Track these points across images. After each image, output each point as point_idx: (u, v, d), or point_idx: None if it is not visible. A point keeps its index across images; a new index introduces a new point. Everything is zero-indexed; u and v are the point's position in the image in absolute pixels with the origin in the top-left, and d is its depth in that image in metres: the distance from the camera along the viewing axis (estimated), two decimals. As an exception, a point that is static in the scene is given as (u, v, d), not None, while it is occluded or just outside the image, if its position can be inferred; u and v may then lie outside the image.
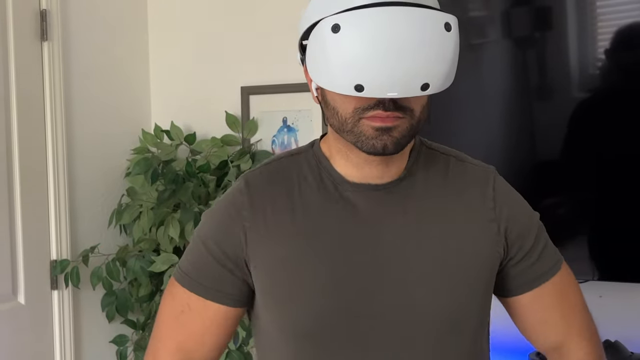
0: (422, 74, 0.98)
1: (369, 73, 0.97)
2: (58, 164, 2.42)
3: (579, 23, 2.00)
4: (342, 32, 0.97)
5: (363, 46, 0.96)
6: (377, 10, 0.96)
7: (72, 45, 2.50)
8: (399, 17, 0.96)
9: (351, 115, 1.04)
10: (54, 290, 2.43)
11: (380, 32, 0.95)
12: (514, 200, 1.19)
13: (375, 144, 1.03)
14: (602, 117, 1.98)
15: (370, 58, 0.96)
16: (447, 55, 1.00)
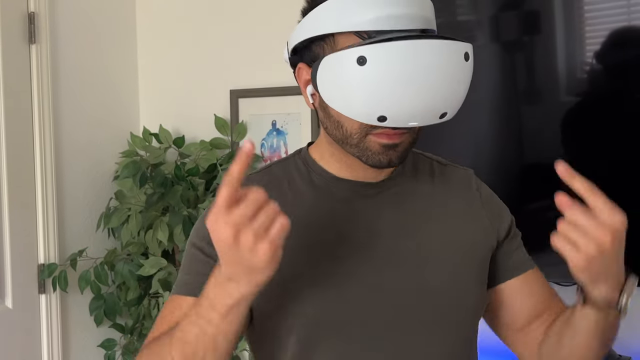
0: (442, 103, 1.02)
1: (392, 105, 0.98)
2: (46, 167, 2.41)
3: (567, 27, 2.01)
4: (369, 65, 0.97)
5: (389, 79, 0.97)
6: (404, 43, 0.97)
7: (60, 48, 2.49)
8: (425, 51, 0.98)
9: (358, 131, 1.06)
10: (41, 294, 2.42)
11: (407, 65, 0.97)
12: (494, 198, 1.25)
13: (382, 159, 1.06)
14: (590, 120, 1.99)
15: (395, 91, 0.98)
16: (465, 84, 1.04)
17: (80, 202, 2.58)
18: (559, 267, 1.61)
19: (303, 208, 1.14)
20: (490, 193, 1.25)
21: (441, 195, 1.19)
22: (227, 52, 2.64)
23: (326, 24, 1.03)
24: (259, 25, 2.55)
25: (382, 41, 0.97)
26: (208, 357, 0.99)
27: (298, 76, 1.12)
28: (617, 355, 1.90)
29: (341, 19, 1.02)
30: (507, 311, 1.23)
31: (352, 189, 1.15)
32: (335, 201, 1.15)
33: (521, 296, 1.22)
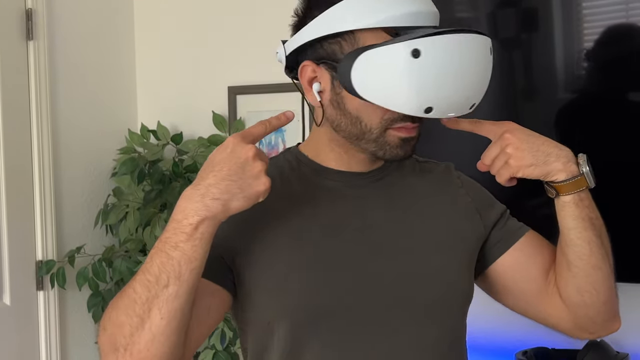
0: (474, 94, 1.08)
1: (439, 96, 1.03)
2: (44, 164, 2.41)
3: (564, 24, 2.01)
4: (422, 58, 1.00)
5: (440, 71, 1.02)
6: (455, 37, 1.03)
7: (58, 45, 2.49)
8: (467, 44, 1.05)
9: (378, 126, 1.09)
10: (39, 290, 2.42)
11: (455, 58, 1.03)
12: (478, 186, 1.28)
13: (399, 152, 1.11)
14: (588, 117, 1.99)
15: (443, 82, 1.03)
16: (489, 76, 1.10)
17: (78, 199, 2.58)
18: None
19: (293, 197, 1.15)
20: (472, 182, 1.28)
21: (426, 187, 1.22)
22: (225, 49, 2.64)
23: (347, 21, 1.06)
24: (257, 22, 2.55)
25: (434, 34, 1.02)
26: (171, 284, 0.97)
27: (301, 74, 1.13)
28: (614, 352, 1.90)
29: (364, 17, 1.05)
30: (520, 280, 1.22)
31: (343, 178, 1.17)
32: (325, 191, 1.16)
33: (527, 258, 1.22)
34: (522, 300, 1.24)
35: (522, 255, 1.21)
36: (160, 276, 0.98)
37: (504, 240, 1.22)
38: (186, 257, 0.98)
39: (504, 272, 1.22)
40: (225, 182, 0.98)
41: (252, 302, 1.13)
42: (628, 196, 1.92)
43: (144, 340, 0.97)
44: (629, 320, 2.02)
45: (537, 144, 1.10)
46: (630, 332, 1.99)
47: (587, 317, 1.18)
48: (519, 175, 1.09)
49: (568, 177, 1.09)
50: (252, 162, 0.99)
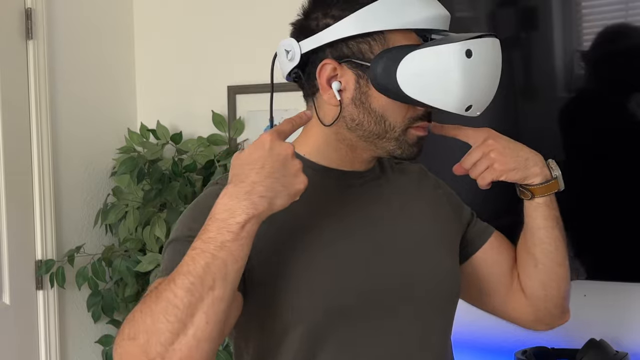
0: (493, 94, 1.15)
1: (480, 95, 1.12)
2: (43, 163, 2.41)
3: (564, 23, 2.01)
4: (474, 58, 1.08)
5: (486, 71, 1.12)
6: (490, 39, 1.12)
7: (57, 44, 2.49)
8: (497, 46, 1.14)
9: (401, 125, 1.13)
10: (39, 290, 2.42)
11: (494, 59, 1.13)
12: (447, 186, 1.34)
13: (414, 150, 1.16)
14: (587, 116, 1.99)
15: (485, 82, 1.12)
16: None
17: (77, 198, 2.58)
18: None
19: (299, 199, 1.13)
20: (444, 183, 1.34)
21: (410, 187, 1.27)
22: (225, 48, 2.64)
23: (378, 22, 1.10)
24: (257, 21, 2.55)
25: (481, 37, 1.10)
26: (217, 287, 0.93)
27: (320, 73, 1.13)
28: (614, 351, 1.90)
29: (395, 18, 1.10)
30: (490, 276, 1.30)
31: (339, 177, 1.19)
32: (321, 189, 1.16)
33: (497, 256, 1.30)
34: (491, 297, 1.31)
35: (493, 253, 1.30)
36: (205, 278, 0.93)
37: (477, 239, 1.30)
38: (232, 257, 0.95)
39: (477, 269, 1.30)
40: (270, 179, 0.98)
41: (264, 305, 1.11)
42: (627, 196, 1.92)
43: (187, 347, 0.91)
44: (628, 319, 2.03)
45: (517, 149, 1.20)
46: (629, 331, 2.00)
47: (547, 310, 1.28)
48: (502, 178, 1.18)
49: (543, 180, 1.19)
50: (291, 160, 1.00)
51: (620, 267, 1.96)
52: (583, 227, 2.02)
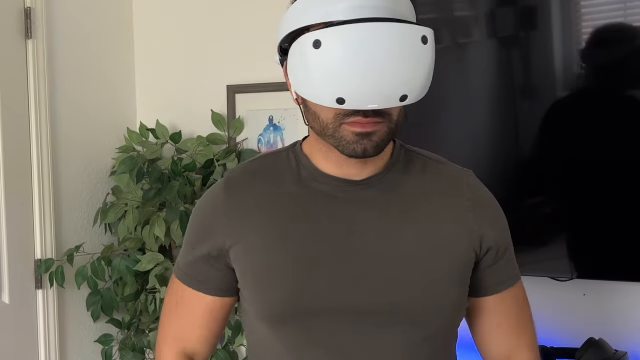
0: (400, 86, 1.02)
1: (349, 87, 1.01)
2: (43, 163, 2.41)
3: (563, 23, 2.01)
4: (323, 48, 1.01)
5: (343, 62, 1.01)
6: (356, 26, 1.00)
7: (56, 44, 2.49)
8: (378, 33, 1.01)
9: (332, 120, 1.08)
10: (38, 289, 2.42)
11: (360, 48, 1.00)
12: (490, 204, 1.23)
13: (356, 148, 1.08)
14: (586, 116, 1.99)
15: (350, 73, 1.01)
16: (424, 67, 1.05)
17: (77, 198, 2.58)
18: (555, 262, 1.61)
19: (285, 200, 1.18)
20: (485, 199, 1.23)
21: (427, 196, 1.18)
22: (224, 48, 2.64)
23: (299, 19, 1.07)
24: (256, 20, 2.55)
25: (334, 24, 1.02)
26: None
27: (285, 74, 1.14)
28: (613, 350, 1.90)
29: (313, 13, 1.06)
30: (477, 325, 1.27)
31: (336, 184, 1.17)
32: (317, 196, 1.17)
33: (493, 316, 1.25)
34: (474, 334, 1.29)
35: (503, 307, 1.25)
36: None
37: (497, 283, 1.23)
38: None
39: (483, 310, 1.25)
40: None
41: (243, 295, 1.22)
42: (627, 195, 1.92)
43: None
44: (627, 318, 2.04)
45: None
46: (628, 330, 2.00)
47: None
48: None
49: None
50: None
51: (620, 267, 1.96)
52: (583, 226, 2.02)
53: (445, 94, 2.10)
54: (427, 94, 1.10)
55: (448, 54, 2.12)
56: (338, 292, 1.12)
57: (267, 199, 1.18)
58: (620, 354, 1.90)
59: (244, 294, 1.21)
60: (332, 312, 1.13)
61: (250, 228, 1.17)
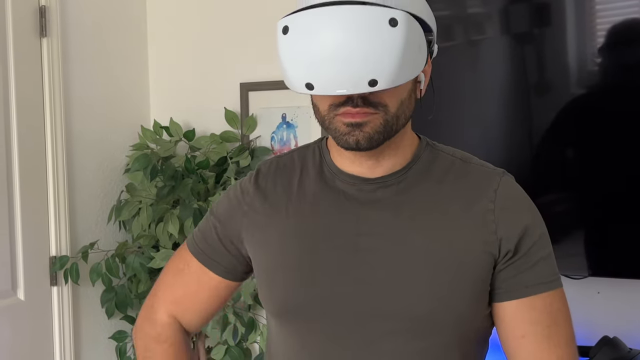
0: (368, 70, 0.98)
1: (316, 72, 1.00)
2: (57, 160, 2.43)
3: (577, 19, 2.00)
4: (290, 34, 1.01)
5: (309, 47, 1.00)
6: (320, 10, 0.99)
7: (71, 42, 2.50)
8: (341, 16, 0.98)
9: (327, 112, 1.07)
10: (53, 286, 2.43)
11: (324, 32, 0.98)
12: (515, 204, 1.14)
13: (348, 140, 1.06)
14: (601, 113, 1.98)
15: (316, 58, 0.99)
16: (395, 51, 0.99)
17: (91, 195, 2.59)
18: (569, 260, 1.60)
19: (305, 197, 1.18)
20: (512, 199, 1.14)
21: (446, 199, 1.13)
22: (238, 46, 2.65)
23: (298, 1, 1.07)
24: (270, 18, 2.54)
25: (300, 10, 1.01)
26: None
27: None
28: (627, 348, 1.90)
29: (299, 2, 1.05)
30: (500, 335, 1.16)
31: (351, 182, 1.15)
32: (334, 193, 1.16)
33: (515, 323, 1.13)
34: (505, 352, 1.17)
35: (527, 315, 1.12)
36: None
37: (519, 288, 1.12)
38: None
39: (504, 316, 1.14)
40: None
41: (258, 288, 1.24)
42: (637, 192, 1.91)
43: None
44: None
45: None
46: (643, 328, 1.98)
47: None
48: None
49: None
50: None
51: (634, 265, 1.95)
52: (597, 223, 2.01)
53: (458, 91, 2.09)
54: (441, 92, 1.08)
55: (461, 51, 2.11)
56: (339, 293, 1.11)
57: (288, 195, 1.19)
58: (635, 352, 1.89)
59: (257, 287, 1.23)
60: (332, 313, 1.12)
61: (268, 222, 1.19)
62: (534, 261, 1.12)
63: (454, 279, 1.09)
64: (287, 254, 1.16)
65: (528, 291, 1.11)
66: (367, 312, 1.10)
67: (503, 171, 1.17)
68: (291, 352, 1.18)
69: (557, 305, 1.14)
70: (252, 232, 1.20)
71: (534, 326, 1.12)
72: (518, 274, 1.11)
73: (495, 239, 1.10)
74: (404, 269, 1.09)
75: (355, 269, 1.11)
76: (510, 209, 1.12)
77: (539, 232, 1.13)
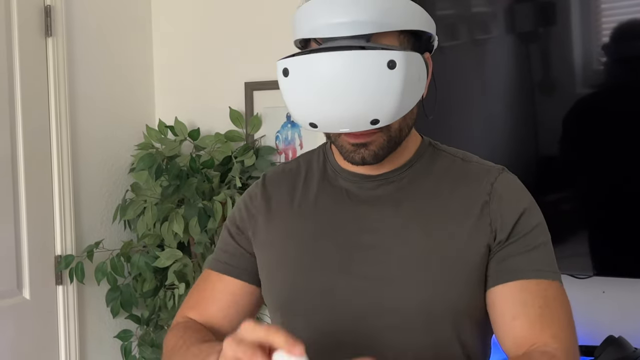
0: (369, 111, 1.02)
1: (318, 113, 1.04)
2: (62, 160, 2.43)
3: (582, 18, 1.99)
4: (291, 77, 1.04)
5: (310, 90, 1.02)
6: (320, 55, 1.01)
7: (76, 41, 2.51)
8: (341, 62, 1.00)
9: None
10: (58, 285, 2.44)
11: (324, 76, 1.01)
12: (512, 194, 1.14)
13: (354, 157, 1.10)
14: (606, 112, 1.98)
15: (317, 100, 1.02)
16: (394, 91, 1.01)
17: (96, 194, 2.60)
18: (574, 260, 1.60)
19: (309, 197, 1.21)
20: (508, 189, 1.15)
21: (446, 196, 1.14)
22: (242, 45, 2.65)
23: (295, 30, 1.09)
24: (274, 17, 2.55)
25: (300, 54, 1.03)
26: None
27: None
28: (632, 348, 1.89)
29: (302, 27, 1.07)
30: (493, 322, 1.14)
31: (353, 180, 1.19)
32: (336, 191, 1.19)
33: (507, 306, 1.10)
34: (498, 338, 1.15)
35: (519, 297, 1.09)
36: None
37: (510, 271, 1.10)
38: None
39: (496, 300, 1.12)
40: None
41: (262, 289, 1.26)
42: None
43: None
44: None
45: None
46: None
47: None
48: None
49: None
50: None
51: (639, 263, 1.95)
52: (602, 223, 2.01)
53: (463, 91, 2.09)
54: (445, 91, 1.09)
55: (466, 50, 2.11)
56: (339, 288, 1.12)
57: (292, 196, 1.22)
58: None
59: (262, 285, 1.25)
60: (332, 308, 1.13)
61: (272, 223, 1.22)
62: (528, 247, 1.11)
63: (453, 274, 1.10)
64: (289, 250, 1.19)
65: (520, 274, 1.10)
66: (367, 307, 1.12)
67: (503, 167, 1.19)
68: None
69: (553, 293, 1.11)
70: (258, 233, 1.24)
71: (526, 307, 1.09)
72: (509, 257, 1.11)
73: (491, 230, 1.11)
74: (403, 265, 1.11)
75: (356, 264, 1.13)
76: (506, 199, 1.13)
77: (536, 221, 1.14)
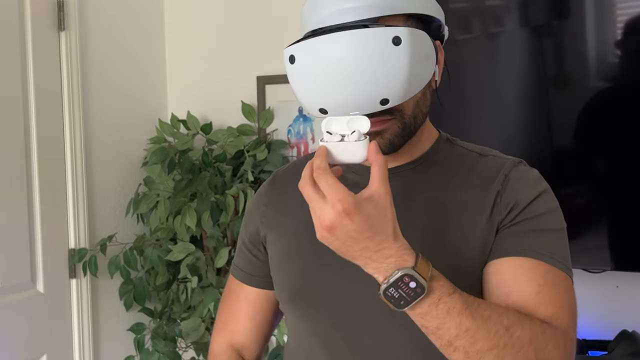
0: (378, 91, 1.00)
1: (326, 98, 1.02)
2: (76, 154, 2.44)
3: (597, 11, 1.98)
4: (297, 63, 1.03)
5: (317, 74, 1.01)
6: (323, 38, 1.00)
7: (89, 36, 2.51)
8: (346, 42, 0.99)
9: None
10: (72, 278, 2.45)
11: (330, 58, 1.00)
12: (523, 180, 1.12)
13: None
14: (621, 106, 1.96)
15: (325, 84, 1.01)
16: (402, 69, 1.00)
17: (109, 188, 2.61)
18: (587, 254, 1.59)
19: None
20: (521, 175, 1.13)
21: (459, 186, 1.13)
22: (254, 39, 2.65)
23: (303, 24, 1.09)
24: (287, 11, 2.55)
25: (304, 39, 1.03)
26: None
27: None
28: (645, 343, 1.88)
29: (310, 19, 1.07)
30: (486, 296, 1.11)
31: (364, 172, 1.14)
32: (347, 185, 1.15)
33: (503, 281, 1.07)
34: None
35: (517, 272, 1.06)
36: None
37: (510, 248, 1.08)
38: None
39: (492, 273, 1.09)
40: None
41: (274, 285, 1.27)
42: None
43: None
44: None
45: (360, 240, 0.98)
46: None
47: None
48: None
49: (384, 281, 0.97)
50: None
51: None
52: (616, 217, 2.00)
53: (476, 84, 2.08)
54: (459, 84, 1.08)
55: (479, 44, 2.10)
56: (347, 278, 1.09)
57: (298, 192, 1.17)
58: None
59: (273, 280, 1.25)
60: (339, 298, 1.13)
61: (283, 217, 1.23)
62: (535, 228, 1.08)
63: (463, 262, 1.09)
64: (298, 242, 1.19)
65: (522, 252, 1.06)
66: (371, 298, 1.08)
67: (520, 160, 1.16)
68: (302, 338, 1.21)
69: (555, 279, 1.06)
70: (269, 228, 1.25)
71: (521, 284, 1.05)
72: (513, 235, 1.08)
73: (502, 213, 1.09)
74: None
75: None
76: (521, 184, 1.11)
77: (550, 207, 1.11)
